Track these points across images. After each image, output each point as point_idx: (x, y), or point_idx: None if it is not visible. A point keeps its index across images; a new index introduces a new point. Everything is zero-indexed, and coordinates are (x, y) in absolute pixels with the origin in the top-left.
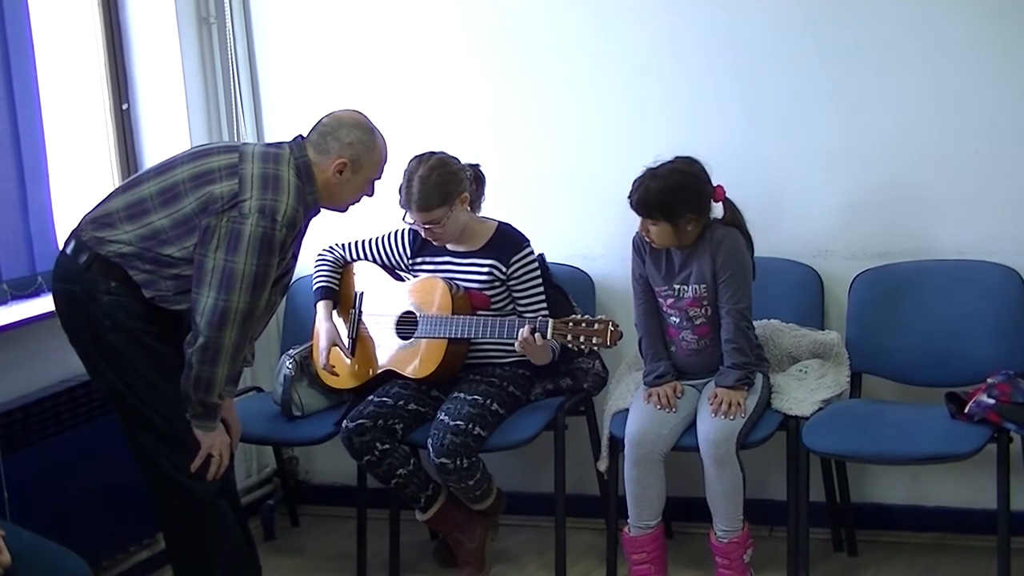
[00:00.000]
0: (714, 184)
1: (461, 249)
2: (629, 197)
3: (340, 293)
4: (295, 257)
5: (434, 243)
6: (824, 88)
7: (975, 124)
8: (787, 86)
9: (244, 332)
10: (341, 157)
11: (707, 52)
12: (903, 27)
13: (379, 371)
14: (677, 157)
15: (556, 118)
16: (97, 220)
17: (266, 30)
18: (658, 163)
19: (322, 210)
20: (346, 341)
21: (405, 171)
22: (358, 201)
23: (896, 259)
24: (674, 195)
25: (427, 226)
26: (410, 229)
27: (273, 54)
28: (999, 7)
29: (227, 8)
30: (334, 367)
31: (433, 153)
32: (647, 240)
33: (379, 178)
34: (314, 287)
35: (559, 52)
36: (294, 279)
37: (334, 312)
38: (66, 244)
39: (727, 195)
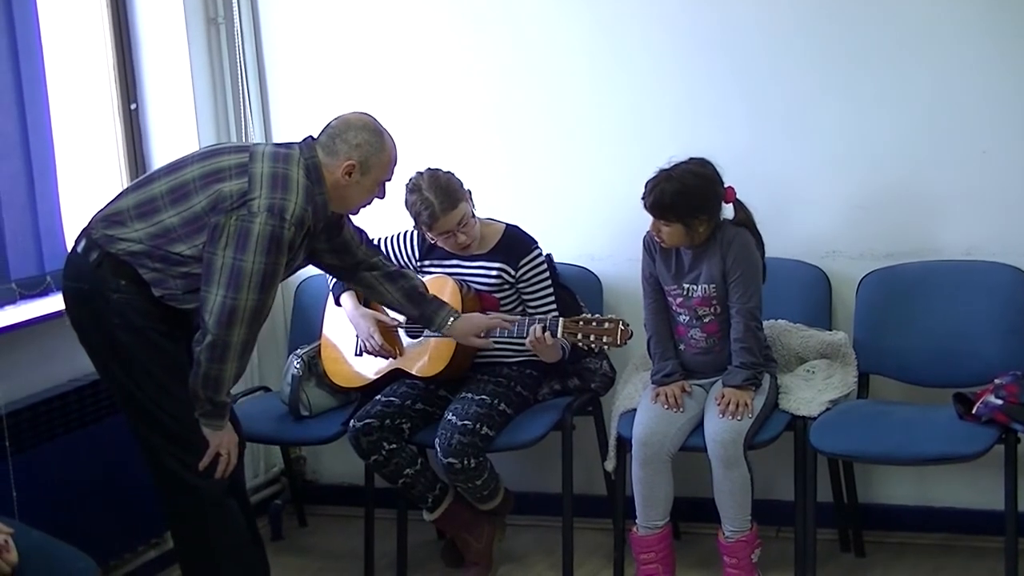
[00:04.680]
0: (725, 185)
1: (469, 252)
2: (643, 198)
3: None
4: (307, 259)
5: (461, 252)
6: (832, 89)
7: (982, 124)
8: (795, 87)
9: (252, 330)
10: (349, 159)
11: (715, 53)
12: (909, 28)
13: (387, 369)
14: (690, 158)
15: (564, 118)
16: (108, 218)
17: (274, 30)
18: (672, 164)
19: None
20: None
21: (409, 193)
22: (369, 203)
23: (903, 260)
24: (688, 197)
25: (458, 229)
26: (419, 232)
27: (281, 54)
28: (1005, 8)
29: (235, 8)
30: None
31: (418, 171)
32: (657, 240)
33: (389, 179)
34: (332, 281)
35: (566, 53)
36: (300, 279)
37: None
38: (77, 242)
39: (737, 196)
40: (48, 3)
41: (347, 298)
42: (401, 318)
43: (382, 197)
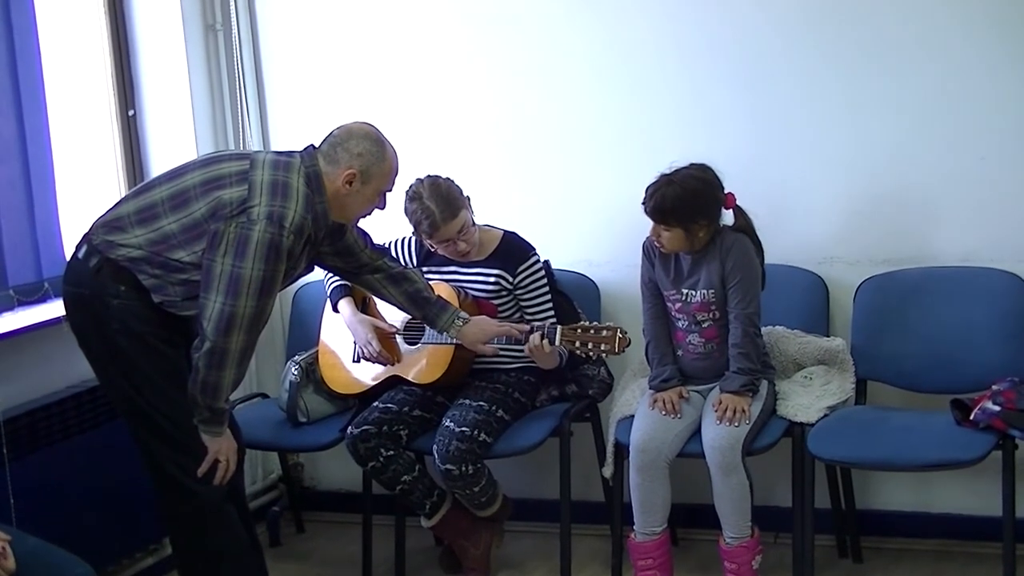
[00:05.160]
0: (725, 191)
1: (467, 258)
2: (644, 203)
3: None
4: (309, 267)
5: (459, 258)
6: (829, 95)
7: (980, 131)
8: (792, 93)
9: (251, 337)
10: (350, 168)
11: (713, 60)
12: (909, 34)
13: (385, 376)
14: (691, 164)
15: (562, 125)
16: (108, 224)
17: (272, 37)
18: (673, 169)
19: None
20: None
21: (410, 201)
22: (369, 213)
23: (901, 266)
24: (690, 202)
25: (458, 237)
26: (417, 238)
27: (279, 61)
28: (1004, 14)
29: (233, 15)
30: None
31: (418, 178)
32: (657, 245)
33: (390, 189)
34: (330, 288)
35: (566, 59)
36: (297, 286)
37: None
38: (78, 248)
39: (737, 202)
40: (46, 9)
41: (345, 304)
42: (399, 324)
43: (382, 207)
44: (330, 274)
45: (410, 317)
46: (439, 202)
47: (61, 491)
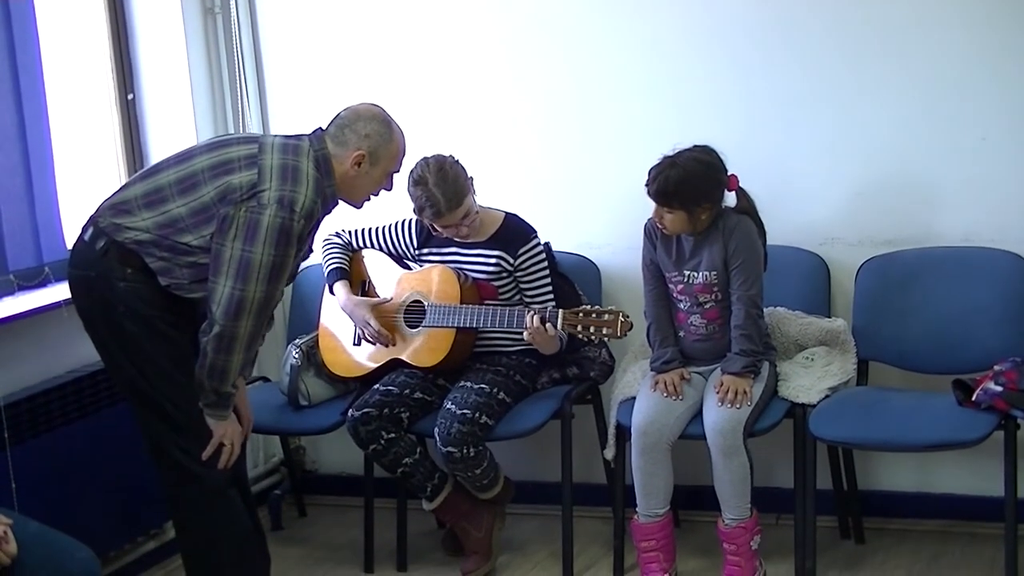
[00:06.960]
0: (728, 173)
1: (468, 240)
2: (647, 185)
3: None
4: (310, 249)
5: (460, 239)
6: (831, 77)
7: (981, 111)
8: (793, 74)
9: (259, 322)
10: (359, 149)
11: (714, 42)
12: (909, 14)
13: (386, 359)
14: (694, 145)
15: (564, 107)
16: (115, 207)
17: (271, 20)
18: (676, 151)
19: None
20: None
21: (414, 186)
22: (376, 195)
23: (902, 246)
24: (693, 184)
25: (462, 223)
26: (416, 220)
27: (278, 44)
28: None
29: None
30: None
31: (424, 159)
32: (659, 227)
33: (397, 171)
34: (327, 270)
35: (568, 41)
36: (299, 268)
37: None
38: (84, 230)
39: (739, 184)
40: None
41: (340, 288)
42: (399, 307)
43: (389, 189)
44: (328, 257)
45: (411, 301)
46: (445, 190)
47: (62, 476)
